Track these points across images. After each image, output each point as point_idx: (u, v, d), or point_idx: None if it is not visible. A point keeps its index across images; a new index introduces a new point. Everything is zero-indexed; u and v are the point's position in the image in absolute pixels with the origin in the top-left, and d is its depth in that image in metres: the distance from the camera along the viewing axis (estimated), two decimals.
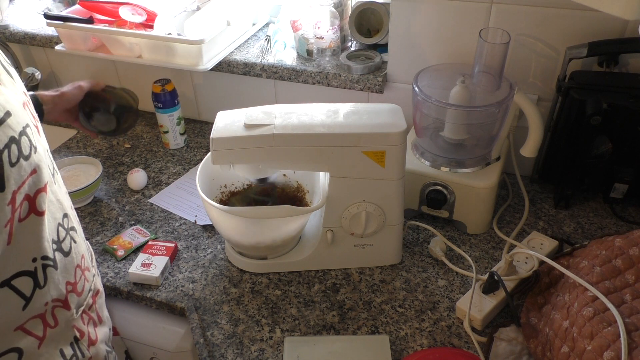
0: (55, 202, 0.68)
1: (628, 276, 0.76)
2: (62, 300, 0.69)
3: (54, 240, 0.66)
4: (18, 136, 0.56)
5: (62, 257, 0.68)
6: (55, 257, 0.66)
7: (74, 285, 0.71)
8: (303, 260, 0.98)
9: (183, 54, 1.21)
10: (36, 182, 0.60)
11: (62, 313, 0.69)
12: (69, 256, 0.70)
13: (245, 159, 0.87)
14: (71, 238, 0.71)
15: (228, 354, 0.85)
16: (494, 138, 1.02)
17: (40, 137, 0.65)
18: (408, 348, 0.85)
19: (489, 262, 1.00)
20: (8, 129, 0.55)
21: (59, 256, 0.67)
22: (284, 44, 1.31)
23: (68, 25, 1.25)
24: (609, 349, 0.65)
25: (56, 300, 0.68)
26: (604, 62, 1.01)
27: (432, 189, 1.02)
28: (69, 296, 0.70)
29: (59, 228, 0.68)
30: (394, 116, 0.88)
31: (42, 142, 0.66)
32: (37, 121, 0.66)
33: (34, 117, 0.66)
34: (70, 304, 0.70)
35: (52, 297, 0.67)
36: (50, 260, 0.65)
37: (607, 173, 1.03)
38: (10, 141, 0.55)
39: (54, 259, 0.66)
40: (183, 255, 1.04)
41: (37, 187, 0.61)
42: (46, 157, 0.65)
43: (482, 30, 0.94)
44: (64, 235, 0.69)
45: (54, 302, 0.67)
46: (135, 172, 1.23)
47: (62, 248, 0.68)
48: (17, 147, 0.56)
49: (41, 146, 0.64)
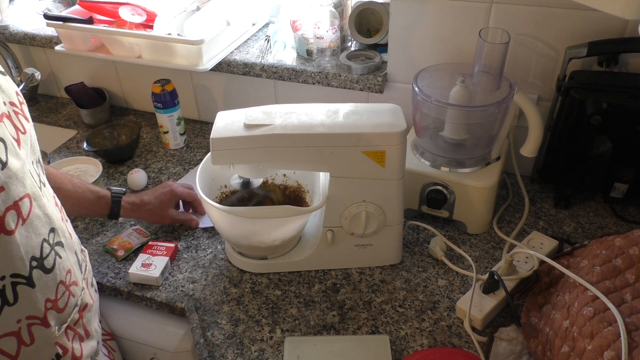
0: (42, 216, 0.66)
1: (628, 276, 0.76)
2: (40, 318, 0.67)
3: (34, 257, 0.64)
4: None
5: (41, 274, 0.66)
6: (32, 275, 0.64)
7: (54, 302, 0.69)
8: (303, 260, 0.98)
9: (183, 54, 1.21)
10: (5, 200, 0.58)
11: (40, 331, 0.67)
12: (51, 272, 0.68)
13: (245, 159, 0.87)
14: (56, 254, 0.69)
15: (228, 354, 0.85)
16: (494, 138, 1.02)
17: (20, 150, 0.63)
18: (408, 348, 0.85)
19: (489, 262, 1.00)
20: None
21: (37, 273, 0.65)
22: (283, 44, 1.31)
23: (68, 25, 1.25)
24: (609, 348, 0.65)
25: (32, 318, 0.65)
26: (603, 61, 1.00)
27: (432, 189, 1.02)
28: (48, 313, 0.68)
29: (43, 244, 0.66)
30: (393, 116, 0.88)
31: (22, 156, 0.63)
32: (18, 132, 0.64)
33: (16, 127, 0.63)
34: (50, 321, 0.68)
35: (27, 315, 0.65)
36: (22, 278, 0.63)
37: (607, 173, 1.03)
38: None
39: (29, 277, 0.64)
40: (183, 256, 1.04)
41: (6, 205, 0.59)
42: (25, 171, 0.63)
43: (482, 30, 0.94)
44: (48, 251, 0.67)
45: (29, 320, 0.65)
46: (135, 172, 1.23)
47: (44, 265, 0.66)
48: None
49: (17, 160, 0.61)
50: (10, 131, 0.61)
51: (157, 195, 1.05)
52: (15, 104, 0.66)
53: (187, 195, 1.10)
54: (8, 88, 0.65)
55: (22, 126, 0.66)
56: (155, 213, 1.05)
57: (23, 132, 0.66)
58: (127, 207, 1.02)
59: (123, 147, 1.33)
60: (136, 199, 1.04)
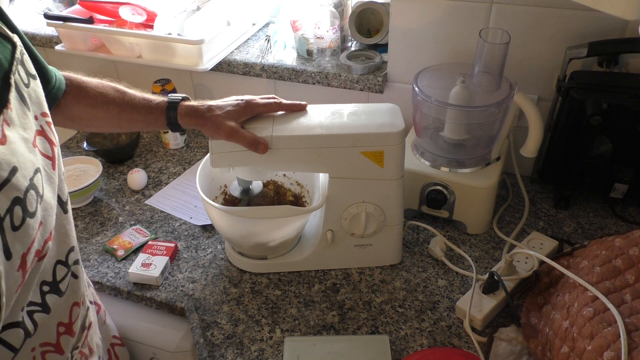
0: (62, 235, 0.61)
1: (628, 276, 0.76)
2: (53, 344, 0.62)
3: (45, 281, 0.59)
4: (24, 194, 0.50)
5: (56, 298, 0.61)
6: (46, 301, 0.60)
7: (68, 325, 0.65)
8: (303, 260, 0.98)
9: (183, 54, 1.21)
10: (43, 235, 0.54)
11: (54, 358, 0.63)
12: (64, 295, 0.63)
13: (244, 161, 0.87)
14: (72, 275, 0.64)
15: (228, 354, 0.85)
16: (494, 138, 1.02)
17: (54, 171, 0.57)
18: (408, 348, 0.85)
19: (489, 262, 1.00)
20: (12, 191, 0.48)
21: (52, 299, 0.61)
22: (284, 44, 1.31)
23: (68, 25, 1.25)
24: (609, 349, 0.65)
25: (45, 345, 0.61)
26: (604, 62, 1.00)
27: (432, 189, 1.02)
28: (61, 339, 0.63)
29: (56, 267, 0.61)
30: (392, 116, 0.88)
31: (54, 177, 0.58)
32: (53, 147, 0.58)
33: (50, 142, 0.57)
34: (64, 348, 0.64)
35: (40, 342, 0.60)
36: (37, 306, 0.58)
37: (607, 173, 1.03)
38: (13, 203, 0.48)
39: (44, 303, 0.59)
40: (183, 255, 1.04)
41: (44, 238, 0.55)
42: (53, 197, 0.57)
43: (482, 30, 0.94)
44: (64, 273, 0.63)
45: (42, 347, 0.61)
46: (135, 172, 1.23)
47: (59, 288, 0.62)
48: (21, 207, 0.49)
49: (50, 186, 0.56)
50: (41, 158, 0.55)
51: (227, 103, 0.84)
52: (47, 114, 0.59)
53: (269, 108, 0.87)
54: (38, 95, 0.58)
55: (54, 136, 0.59)
56: (219, 123, 0.82)
57: (55, 144, 0.59)
58: (183, 113, 0.83)
59: (123, 147, 1.33)
60: (198, 104, 0.85)
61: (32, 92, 0.57)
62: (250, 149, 0.82)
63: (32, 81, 0.58)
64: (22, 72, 0.56)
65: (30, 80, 0.58)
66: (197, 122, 0.83)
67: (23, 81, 0.56)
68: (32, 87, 0.57)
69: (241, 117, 0.84)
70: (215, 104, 0.84)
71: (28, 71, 0.58)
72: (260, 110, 0.86)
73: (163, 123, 0.84)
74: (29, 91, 0.56)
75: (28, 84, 0.56)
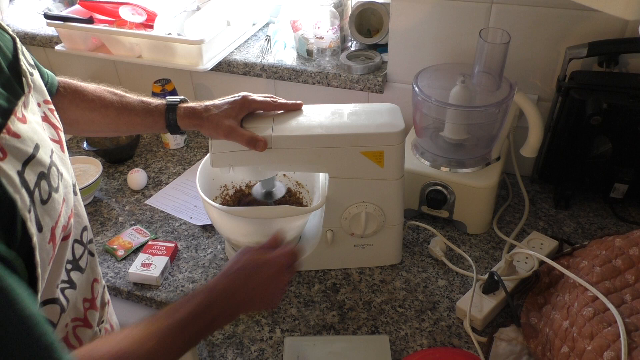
0: (76, 215, 0.63)
1: (628, 276, 0.76)
2: (82, 319, 0.65)
3: (67, 260, 0.62)
4: (47, 169, 0.52)
5: (79, 275, 0.64)
6: (72, 277, 0.63)
7: (92, 301, 0.68)
8: (303, 260, 0.98)
9: (183, 54, 1.21)
10: (66, 211, 0.58)
11: (84, 332, 0.66)
12: (85, 272, 0.66)
13: (244, 161, 0.87)
14: (89, 252, 0.67)
15: (228, 354, 0.85)
16: (494, 138, 1.02)
17: (64, 153, 0.61)
18: (408, 348, 0.85)
19: (489, 262, 1.00)
20: (37, 166, 0.51)
21: (75, 275, 0.64)
22: (284, 44, 1.31)
23: (68, 25, 1.25)
24: (609, 349, 0.65)
25: (75, 320, 0.64)
26: (604, 62, 1.00)
27: (432, 189, 1.02)
28: (87, 313, 0.66)
29: (74, 246, 0.63)
30: (392, 116, 0.88)
31: (65, 159, 0.61)
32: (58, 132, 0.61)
33: (54, 126, 0.61)
34: (91, 322, 0.67)
35: (72, 317, 0.63)
36: (66, 283, 0.62)
37: (607, 173, 1.03)
38: (39, 178, 0.51)
39: (70, 280, 0.62)
40: (183, 255, 1.04)
41: (67, 214, 0.58)
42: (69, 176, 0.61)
43: (482, 30, 0.94)
44: (82, 252, 0.65)
45: (73, 322, 0.64)
46: (135, 172, 1.23)
47: (80, 265, 0.65)
48: (47, 182, 0.52)
49: (64, 166, 0.59)
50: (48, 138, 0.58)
51: (224, 102, 0.84)
52: (49, 101, 0.62)
53: (265, 105, 0.87)
54: (40, 84, 0.61)
55: (58, 122, 0.62)
56: (216, 122, 0.82)
57: (60, 128, 0.62)
58: (182, 114, 0.83)
59: (123, 147, 1.33)
60: (196, 104, 0.85)
61: (36, 81, 0.61)
62: (249, 147, 0.82)
63: (34, 71, 0.62)
64: (25, 63, 0.60)
65: (33, 70, 0.61)
66: (196, 122, 0.84)
67: (28, 70, 0.59)
68: (35, 76, 0.61)
69: (239, 114, 0.84)
70: (212, 104, 0.84)
71: (29, 62, 0.61)
72: (257, 106, 0.86)
73: (162, 125, 0.85)
74: (33, 79, 0.60)
75: (32, 73, 0.60)
